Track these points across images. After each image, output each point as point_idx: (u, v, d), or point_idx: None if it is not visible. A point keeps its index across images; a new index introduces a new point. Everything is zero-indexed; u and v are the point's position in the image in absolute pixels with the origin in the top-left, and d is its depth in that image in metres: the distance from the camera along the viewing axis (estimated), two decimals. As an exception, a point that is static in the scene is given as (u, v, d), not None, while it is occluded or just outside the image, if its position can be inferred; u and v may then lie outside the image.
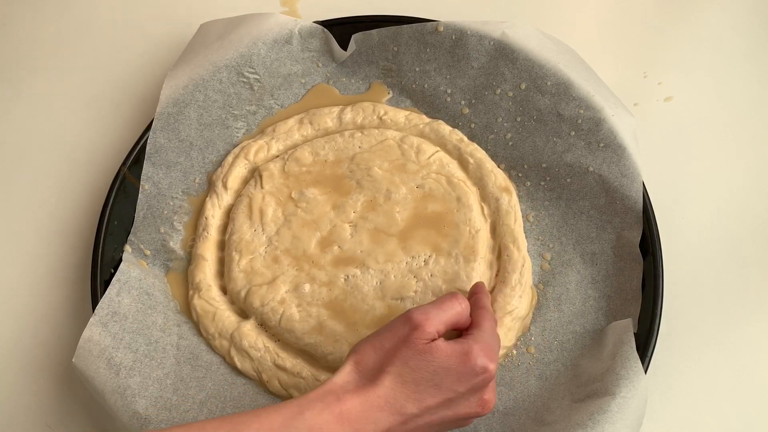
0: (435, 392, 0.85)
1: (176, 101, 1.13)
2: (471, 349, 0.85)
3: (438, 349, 0.85)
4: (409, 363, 0.84)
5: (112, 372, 1.00)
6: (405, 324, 0.86)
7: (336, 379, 0.85)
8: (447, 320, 0.88)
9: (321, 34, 1.16)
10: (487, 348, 0.87)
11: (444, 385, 0.85)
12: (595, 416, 0.92)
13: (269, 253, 1.08)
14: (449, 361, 0.85)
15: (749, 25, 1.23)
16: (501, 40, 1.10)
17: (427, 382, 0.84)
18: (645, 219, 1.03)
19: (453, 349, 0.85)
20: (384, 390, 0.83)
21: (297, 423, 0.81)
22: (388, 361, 0.85)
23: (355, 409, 0.83)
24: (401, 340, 0.85)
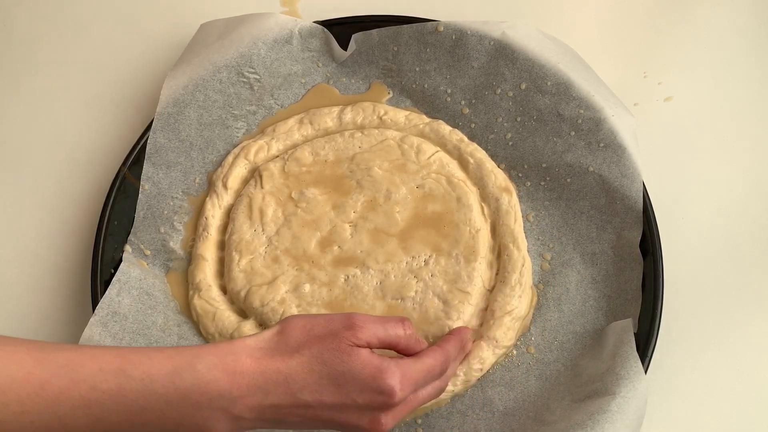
0: (335, 392, 0.83)
1: (176, 101, 1.13)
2: (387, 369, 0.83)
3: (357, 355, 0.83)
4: (325, 355, 0.82)
5: (113, 372, 1.00)
6: (342, 321, 0.85)
7: (249, 341, 0.84)
8: (383, 337, 0.86)
9: (321, 34, 1.16)
10: (406, 377, 0.85)
11: (345, 390, 0.83)
12: (596, 416, 0.92)
13: (269, 253, 1.08)
14: (361, 370, 0.83)
15: (749, 25, 1.23)
16: (501, 40, 1.10)
17: (333, 379, 0.83)
18: (645, 219, 1.03)
19: (371, 361, 0.83)
20: (288, 369, 0.82)
21: (185, 374, 0.80)
22: (308, 344, 0.83)
23: (250, 375, 0.81)
24: (331, 333, 0.84)
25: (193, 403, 0.80)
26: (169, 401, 0.79)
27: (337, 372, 0.82)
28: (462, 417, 1.01)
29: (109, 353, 0.80)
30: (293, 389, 0.82)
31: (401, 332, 0.88)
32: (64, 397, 0.77)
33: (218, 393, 0.80)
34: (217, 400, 0.80)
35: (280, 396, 0.82)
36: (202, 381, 0.79)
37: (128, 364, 0.79)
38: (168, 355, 0.81)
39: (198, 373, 0.80)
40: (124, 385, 0.78)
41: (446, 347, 0.93)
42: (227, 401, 0.80)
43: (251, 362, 0.82)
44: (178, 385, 0.79)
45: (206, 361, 0.80)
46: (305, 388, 0.82)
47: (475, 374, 1.01)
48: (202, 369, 0.80)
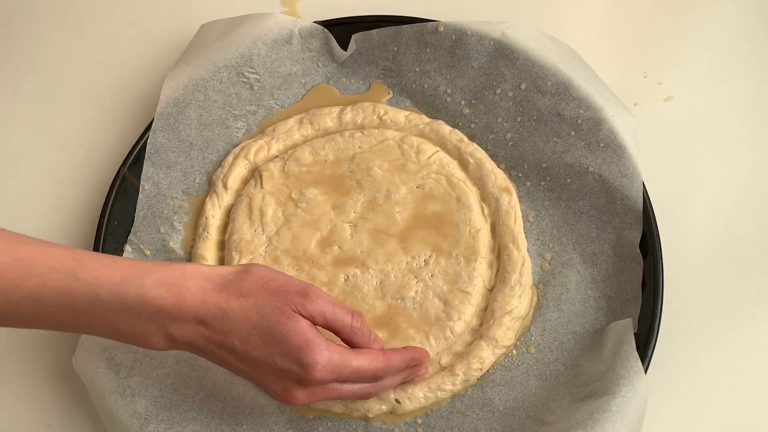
0: (261, 347, 0.85)
1: (176, 101, 1.13)
2: (316, 346, 0.85)
3: (295, 321, 0.84)
4: (266, 310, 0.84)
5: (112, 372, 1.00)
6: (299, 286, 0.86)
7: (204, 269, 0.87)
8: (329, 318, 0.88)
9: (321, 34, 1.16)
10: (332, 362, 0.86)
11: (270, 349, 0.85)
12: (595, 416, 0.92)
13: (269, 253, 1.08)
14: (292, 337, 0.84)
15: (749, 25, 1.23)
16: (501, 40, 1.10)
17: (263, 335, 0.84)
18: (645, 219, 1.03)
19: (305, 332, 0.85)
20: (229, 309, 0.84)
21: (131, 286, 0.83)
22: (256, 294, 0.85)
23: (192, 302, 0.84)
24: (282, 292, 0.85)
25: (134, 314, 0.83)
26: (111, 308, 0.83)
27: (270, 329, 0.84)
28: (462, 417, 1.01)
29: (65, 254, 0.84)
30: (226, 329, 0.84)
31: (347, 320, 0.89)
32: (15, 288, 0.82)
33: (158, 309, 0.83)
34: (156, 315, 0.83)
35: (213, 331, 0.85)
36: (146, 295, 0.83)
37: (80, 267, 0.83)
38: (121, 267, 0.84)
39: (143, 288, 0.83)
40: (72, 286, 0.82)
41: (390, 357, 0.93)
42: (165, 318, 0.84)
43: (197, 290, 0.84)
44: (123, 296, 0.83)
45: (155, 277, 0.84)
46: (237, 332, 0.84)
47: (474, 374, 1.01)
48: (149, 284, 0.83)
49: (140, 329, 0.84)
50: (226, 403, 1.02)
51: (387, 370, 0.92)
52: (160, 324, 0.84)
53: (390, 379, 0.95)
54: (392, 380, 0.96)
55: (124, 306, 0.83)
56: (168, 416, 0.99)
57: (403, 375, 0.97)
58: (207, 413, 1.01)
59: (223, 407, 1.01)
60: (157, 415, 0.99)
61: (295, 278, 0.88)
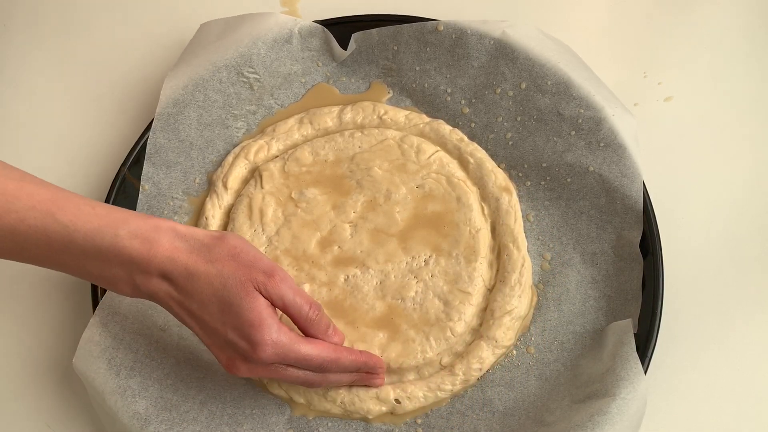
0: (216, 315, 0.88)
1: (176, 101, 1.13)
2: (269, 327, 0.88)
3: (254, 299, 0.87)
4: (230, 281, 0.87)
5: (113, 372, 1.00)
6: (267, 266, 0.89)
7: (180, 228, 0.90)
8: (288, 303, 0.90)
9: (321, 34, 1.16)
10: (280, 345, 0.89)
11: (224, 319, 0.88)
12: (595, 418, 0.92)
13: (269, 253, 1.08)
14: (247, 313, 0.87)
15: (749, 25, 1.23)
16: (501, 40, 1.10)
17: (221, 304, 0.87)
18: (645, 219, 1.03)
19: (261, 311, 0.88)
20: (195, 271, 0.87)
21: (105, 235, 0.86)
22: (225, 263, 0.88)
23: (162, 257, 0.87)
24: (249, 267, 0.88)
25: (105, 260, 0.87)
26: (85, 252, 0.87)
27: (228, 300, 0.87)
28: (461, 417, 1.01)
29: (46, 194, 0.87)
30: (188, 290, 0.88)
31: (304, 309, 0.91)
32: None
33: (129, 259, 0.87)
34: (126, 264, 0.87)
35: (176, 289, 0.88)
36: (118, 245, 0.86)
37: (58, 210, 0.86)
38: (97, 214, 0.88)
39: (117, 238, 0.86)
40: (49, 226, 0.86)
41: (341, 353, 0.95)
42: (133, 269, 0.87)
43: (169, 247, 0.87)
44: (97, 243, 0.86)
45: (129, 228, 0.87)
46: (197, 296, 0.88)
47: (474, 374, 1.01)
48: (123, 234, 0.86)
49: (109, 274, 0.88)
50: (226, 404, 1.02)
51: (334, 364, 0.94)
52: (129, 273, 0.88)
53: (338, 375, 0.97)
54: (340, 378, 0.98)
55: (96, 252, 0.86)
56: (168, 417, 0.99)
57: (354, 377, 0.99)
58: (207, 414, 1.01)
59: (223, 408, 1.01)
60: (157, 415, 0.99)
61: (266, 258, 0.90)
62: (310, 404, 1.02)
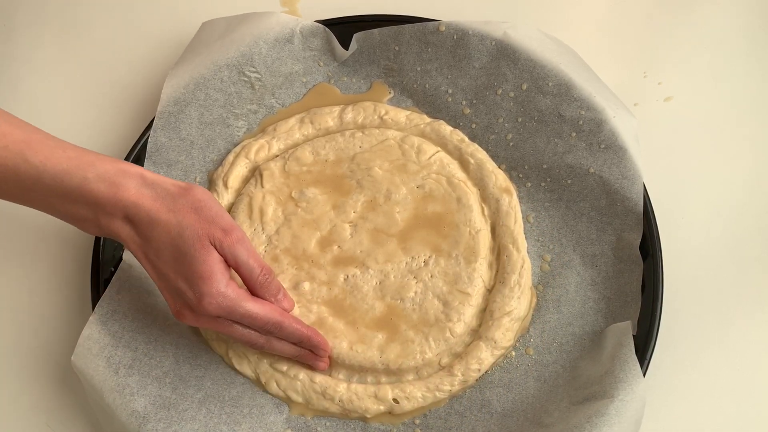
0: (169, 264, 0.92)
1: (177, 100, 1.13)
2: (217, 281, 0.91)
3: (208, 253, 0.91)
4: (188, 232, 0.91)
5: (111, 370, 1.00)
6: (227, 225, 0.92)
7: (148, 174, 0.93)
8: (241, 263, 0.93)
9: (322, 34, 1.16)
10: (227, 300, 0.92)
11: (176, 269, 0.91)
12: (593, 419, 0.92)
13: (269, 252, 1.08)
14: (199, 265, 0.90)
15: (749, 25, 1.23)
16: (503, 41, 1.10)
17: (175, 254, 0.91)
18: (645, 221, 1.03)
19: (212, 265, 0.91)
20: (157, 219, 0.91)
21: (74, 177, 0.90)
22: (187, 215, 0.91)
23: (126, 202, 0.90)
24: (209, 223, 0.91)
25: (72, 201, 0.91)
26: (53, 192, 0.90)
27: (183, 251, 0.91)
28: (460, 418, 1.01)
29: (20, 135, 0.90)
30: (147, 235, 0.92)
31: (255, 272, 0.95)
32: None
33: (95, 201, 0.90)
34: (92, 206, 0.91)
35: (137, 233, 0.92)
36: (85, 188, 0.90)
37: (30, 151, 0.89)
38: (68, 156, 0.90)
39: (85, 181, 0.90)
40: (20, 166, 0.89)
41: (286, 319, 0.97)
42: (99, 210, 0.91)
43: (134, 192, 0.91)
44: (65, 184, 0.90)
45: (97, 171, 0.90)
46: (154, 242, 0.92)
47: (473, 375, 1.02)
48: (91, 178, 0.90)
49: (76, 213, 0.92)
50: (224, 403, 1.02)
51: (277, 328, 0.97)
52: (94, 213, 0.91)
53: (281, 343, 1.00)
54: (282, 346, 1.00)
55: (64, 192, 0.90)
56: (166, 415, 0.99)
57: (296, 350, 1.01)
58: (205, 413, 1.01)
59: (221, 407, 1.01)
60: (155, 414, 0.99)
61: (229, 217, 0.94)
62: (309, 403, 1.02)
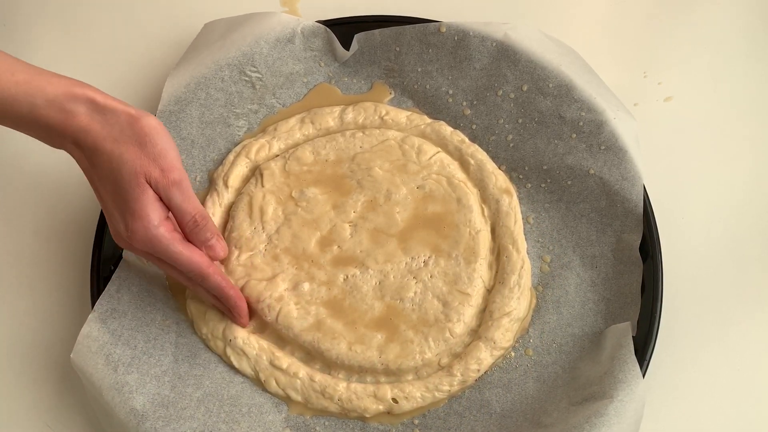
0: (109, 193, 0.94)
1: (178, 99, 1.13)
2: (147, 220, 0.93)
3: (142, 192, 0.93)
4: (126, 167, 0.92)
5: (110, 368, 1.00)
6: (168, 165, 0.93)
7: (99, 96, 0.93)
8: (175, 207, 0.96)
9: (323, 34, 1.16)
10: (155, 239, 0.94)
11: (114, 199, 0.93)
12: (593, 419, 0.93)
13: (269, 251, 1.08)
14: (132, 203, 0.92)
15: (749, 25, 1.23)
16: (503, 42, 1.10)
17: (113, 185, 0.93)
18: (645, 222, 1.03)
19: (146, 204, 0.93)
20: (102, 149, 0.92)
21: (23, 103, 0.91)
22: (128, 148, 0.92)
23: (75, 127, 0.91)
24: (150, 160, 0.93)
25: (24, 125, 0.93)
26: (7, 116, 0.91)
27: (120, 185, 0.92)
28: (459, 418, 1.01)
29: None
30: (93, 162, 0.93)
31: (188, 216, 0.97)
32: None
33: (46, 126, 0.92)
34: (43, 129, 0.92)
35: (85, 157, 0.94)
36: (35, 113, 0.91)
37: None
38: (17, 81, 0.91)
39: (34, 107, 0.90)
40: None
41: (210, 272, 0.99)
42: (51, 134, 0.93)
43: (84, 119, 0.92)
44: (15, 110, 0.90)
45: (47, 97, 0.91)
46: (98, 170, 0.93)
47: (472, 375, 1.02)
48: (40, 103, 0.90)
49: (34, 134, 0.94)
50: (223, 402, 1.02)
51: (201, 278, 0.99)
52: (48, 136, 0.93)
53: (204, 292, 1.02)
54: (205, 295, 1.03)
55: (16, 118, 0.91)
56: (165, 414, 1.00)
57: (217, 304, 1.04)
58: (204, 411, 1.01)
59: (220, 405, 1.02)
60: (154, 412, 0.99)
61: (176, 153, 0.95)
62: (308, 402, 1.02)
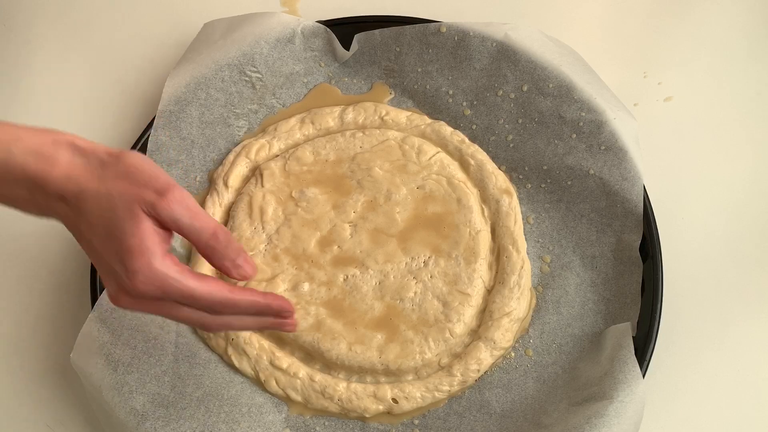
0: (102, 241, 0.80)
1: (178, 99, 1.13)
2: (150, 256, 0.78)
3: (137, 223, 0.78)
4: (117, 202, 0.79)
5: (110, 368, 1.00)
6: (162, 184, 0.80)
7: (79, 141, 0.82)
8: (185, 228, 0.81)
9: (324, 34, 1.16)
10: (159, 278, 0.79)
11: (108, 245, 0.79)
12: (593, 420, 0.93)
13: (269, 251, 1.08)
14: (128, 239, 0.78)
15: (749, 25, 1.23)
16: (503, 42, 1.10)
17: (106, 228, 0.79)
18: (645, 222, 1.03)
19: (144, 237, 0.78)
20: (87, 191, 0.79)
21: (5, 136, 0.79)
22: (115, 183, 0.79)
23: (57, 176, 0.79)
24: (141, 187, 0.79)
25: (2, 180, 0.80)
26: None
27: (113, 224, 0.79)
28: (459, 418, 1.01)
29: None
30: (80, 209, 0.80)
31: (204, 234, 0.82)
32: None
33: (26, 177, 0.79)
34: (23, 183, 0.80)
35: (70, 209, 0.80)
36: (11, 162, 0.79)
37: None
38: None
39: (10, 154, 0.78)
40: None
41: (237, 294, 0.84)
42: (33, 187, 0.80)
43: (66, 164, 0.80)
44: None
45: (24, 145, 0.79)
46: (86, 216, 0.80)
47: (472, 375, 1.02)
48: (17, 152, 0.79)
49: (11, 194, 0.81)
50: (223, 402, 1.02)
51: (228, 306, 0.83)
52: (30, 192, 0.81)
53: (238, 318, 0.86)
54: (241, 321, 0.87)
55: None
56: (165, 414, 1.00)
57: (258, 322, 0.88)
58: (204, 411, 1.01)
59: (220, 405, 1.02)
60: (154, 412, 0.99)
61: (167, 175, 0.81)
62: (308, 402, 1.03)
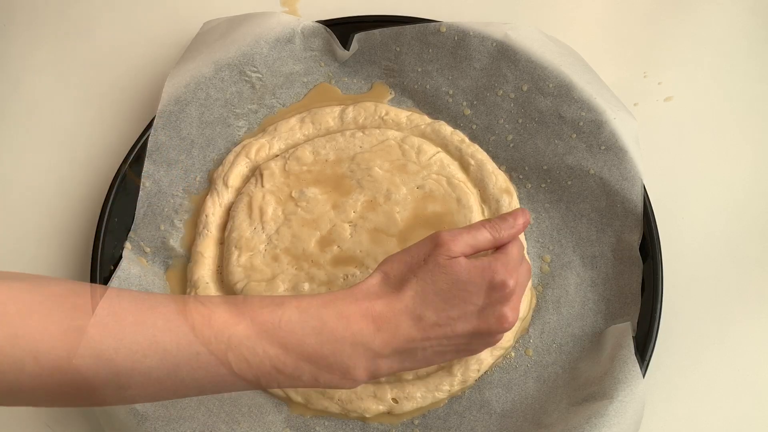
0: (454, 303, 0.88)
1: (178, 99, 1.13)
2: (490, 265, 0.88)
3: (458, 264, 0.87)
4: (430, 276, 0.87)
5: (111, 368, 1.00)
6: (431, 241, 0.89)
7: (363, 285, 0.88)
8: (474, 244, 0.90)
9: (323, 34, 1.16)
10: (506, 266, 0.89)
11: (462, 297, 0.88)
12: (593, 420, 0.93)
13: (269, 251, 1.08)
14: (468, 275, 0.87)
15: (749, 24, 1.23)
16: (503, 42, 1.10)
17: (447, 293, 0.87)
18: (645, 222, 1.03)
19: (473, 264, 0.88)
20: (406, 299, 0.87)
21: (328, 309, 0.85)
22: (411, 273, 0.88)
23: (379, 310, 0.86)
24: (426, 255, 0.89)
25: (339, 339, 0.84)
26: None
27: (447, 285, 0.87)
28: (459, 418, 1.01)
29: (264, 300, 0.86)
30: (417, 314, 0.87)
31: (488, 236, 0.92)
32: None
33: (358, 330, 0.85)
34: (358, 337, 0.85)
35: (409, 325, 0.87)
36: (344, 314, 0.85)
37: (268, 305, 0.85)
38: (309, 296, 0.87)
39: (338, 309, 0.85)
40: None
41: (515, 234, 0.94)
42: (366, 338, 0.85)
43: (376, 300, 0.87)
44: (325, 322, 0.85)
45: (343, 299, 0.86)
46: (427, 309, 0.87)
47: (472, 375, 1.02)
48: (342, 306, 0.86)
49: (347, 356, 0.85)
50: (223, 402, 1.02)
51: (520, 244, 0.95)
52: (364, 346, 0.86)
53: None
54: None
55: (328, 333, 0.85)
56: (165, 414, 0.99)
57: None
58: (204, 412, 1.01)
59: (220, 406, 1.01)
60: (154, 412, 0.99)
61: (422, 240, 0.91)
62: (308, 402, 1.02)
